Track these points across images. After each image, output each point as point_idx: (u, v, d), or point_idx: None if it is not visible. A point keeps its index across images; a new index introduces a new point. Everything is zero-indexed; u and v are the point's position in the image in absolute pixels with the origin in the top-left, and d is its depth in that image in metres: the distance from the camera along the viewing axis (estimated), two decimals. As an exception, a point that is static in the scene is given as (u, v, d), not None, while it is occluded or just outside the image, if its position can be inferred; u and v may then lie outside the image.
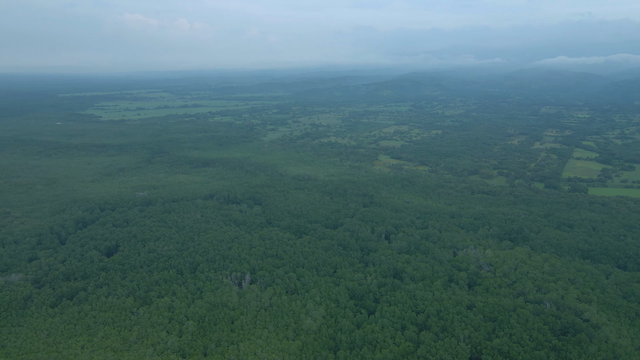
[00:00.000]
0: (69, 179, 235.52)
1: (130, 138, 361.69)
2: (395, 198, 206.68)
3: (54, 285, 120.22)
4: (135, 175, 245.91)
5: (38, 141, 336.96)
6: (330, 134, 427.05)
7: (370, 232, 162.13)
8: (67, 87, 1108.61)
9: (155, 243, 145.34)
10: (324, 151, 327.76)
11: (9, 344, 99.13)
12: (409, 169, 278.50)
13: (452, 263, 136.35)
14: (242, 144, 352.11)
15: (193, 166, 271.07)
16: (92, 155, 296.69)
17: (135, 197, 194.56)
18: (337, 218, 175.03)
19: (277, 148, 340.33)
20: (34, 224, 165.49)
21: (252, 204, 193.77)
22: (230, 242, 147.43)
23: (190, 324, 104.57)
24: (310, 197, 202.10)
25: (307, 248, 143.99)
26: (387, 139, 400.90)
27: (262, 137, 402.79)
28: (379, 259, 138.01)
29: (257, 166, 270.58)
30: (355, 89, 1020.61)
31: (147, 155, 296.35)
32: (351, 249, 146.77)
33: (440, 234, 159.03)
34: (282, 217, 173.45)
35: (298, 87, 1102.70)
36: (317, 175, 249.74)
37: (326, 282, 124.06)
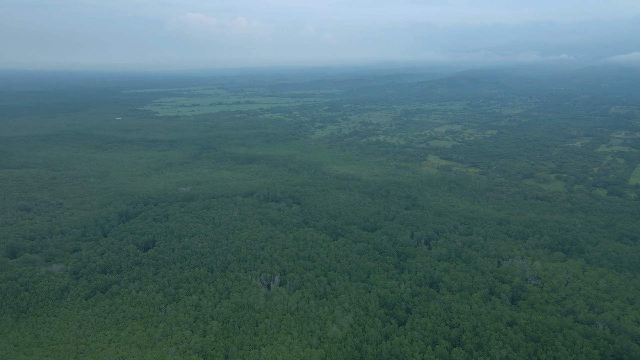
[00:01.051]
0: (120, 172, 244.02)
1: (181, 134, 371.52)
2: (440, 201, 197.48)
3: (90, 277, 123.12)
4: (182, 170, 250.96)
5: (97, 135, 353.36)
6: (380, 132, 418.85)
7: (410, 236, 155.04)
8: (131, 84, 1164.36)
9: (190, 239, 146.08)
10: (371, 150, 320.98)
11: (42, 333, 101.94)
12: (458, 171, 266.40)
13: (495, 274, 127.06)
14: (289, 142, 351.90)
15: (238, 163, 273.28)
16: (144, 150, 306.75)
17: (178, 193, 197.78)
18: (376, 220, 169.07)
19: (323, 146, 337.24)
20: (81, 216, 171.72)
21: (291, 203, 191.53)
22: (264, 242, 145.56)
23: (215, 324, 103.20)
24: (351, 197, 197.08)
25: (340, 251, 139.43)
26: (438, 138, 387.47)
27: (310, 134, 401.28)
28: (416, 266, 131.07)
29: (301, 164, 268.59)
30: (409, 86, 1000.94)
31: (195, 151, 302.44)
32: (387, 254, 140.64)
33: (485, 242, 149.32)
34: (319, 218, 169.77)
35: (351, 85, 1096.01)
36: (360, 174, 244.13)
37: (357, 288, 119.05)
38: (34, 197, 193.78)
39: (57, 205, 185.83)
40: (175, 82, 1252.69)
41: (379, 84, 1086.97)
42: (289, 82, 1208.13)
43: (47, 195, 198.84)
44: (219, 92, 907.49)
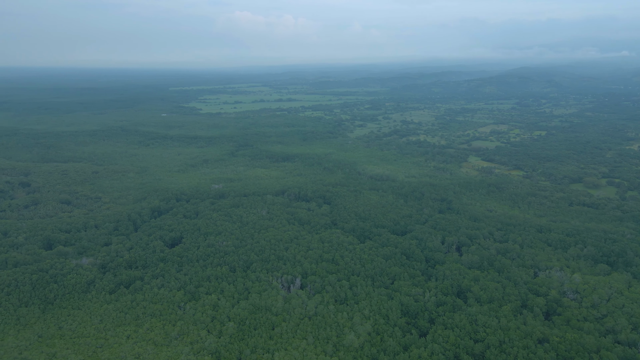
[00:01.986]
0: (158, 168, 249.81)
1: (221, 130, 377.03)
2: (476, 205, 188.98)
3: (116, 272, 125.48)
4: (217, 167, 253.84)
5: (141, 131, 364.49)
6: (421, 131, 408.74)
7: (440, 242, 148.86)
8: (179, 81, 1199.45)
9: (216, 237, 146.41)
10: (409, 150, 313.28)
11: (66, 325, 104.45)
12: (499, 173, 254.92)
13: (530, 285, 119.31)
14: (327, 140, 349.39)
15: (273, 160, 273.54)
16: (184, 146, 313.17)
17: (210, 190, 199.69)
18: (406, 224, 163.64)
19: (361, 145, 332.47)
20: (116, 210, 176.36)
21: (321, 203, 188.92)
22: (289, 242, 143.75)
23: (231, 325, 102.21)
24: (383, 199, 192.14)
25: (366, 255, 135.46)
26: (481, 139, 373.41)
27: (349, 133, 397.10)
28: (444, 274, 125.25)
29: (336, 163, 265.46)
30: (455, 85, 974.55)
31: (232, 148, 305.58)
32: (415, 260, 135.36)
33: (521, 250, 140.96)
34: (348, 219, 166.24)
35: (395, 83, 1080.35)
36: (396, 175, 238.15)
37: (379, 295, 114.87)
38: (75, 191, 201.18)
39: (95, 199, 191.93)
40: (221, 80, 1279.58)
41: (424, 82, 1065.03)
42: (333, 80, 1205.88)
43: (88, 189, 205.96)
44: (262, 90, 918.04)
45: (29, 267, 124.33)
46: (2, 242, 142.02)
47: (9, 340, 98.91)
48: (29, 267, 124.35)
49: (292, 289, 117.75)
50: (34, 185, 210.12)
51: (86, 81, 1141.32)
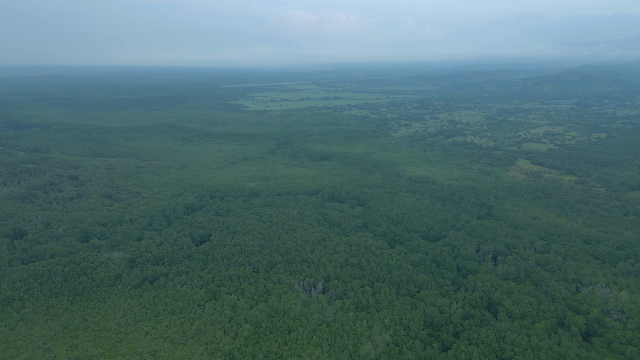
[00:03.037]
0: (198, 164, 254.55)
1: (264, 128, 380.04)
2: (519, 211, 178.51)
3: (143, 267, 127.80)
4: (256, 165, 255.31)
5: (187, 128, 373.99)
6: (468, 132, 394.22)
7: (475, 249, 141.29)
8: (229, 78, 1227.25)
9: (244, 236, 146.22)
10: (454, 151, 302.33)
11: (90, 318, 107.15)
12: (549, 178, 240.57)
13: (569, 302, 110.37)
14: (369, 139, 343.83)
15: (312, 159, 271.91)
16: (226, 144, 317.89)
17: (244, 187, 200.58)
18: (441, 229, 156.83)
19: (403, 145, 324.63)
20: (153, 205, 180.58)
21: (354, 204, 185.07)
22: (315, 244, 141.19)
23: (247, 327, 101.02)
24: (419, 202, 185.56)
25: (393, 260, 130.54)
26: (533, 141, 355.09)
27: (393, 132, 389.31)
28: (474, 284, 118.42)
29: (376, 163, 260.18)
30: (510, 83, 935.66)
31: (273, 146, 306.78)
32: (445, 268, 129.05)
33: (564, 263, 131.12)
34: (380, 222, 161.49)
35: (446, 81, 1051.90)
36: (436, 177, 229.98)
37: (402, 303, 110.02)
38: (117, 185, 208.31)
39: (135, 194, 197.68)
40: (270, 77, 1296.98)
41: (476, 80, 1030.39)
42: (382, 78, 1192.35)
43: (130, 183, 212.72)
44: (310, 88, 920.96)
45: (63, 258, 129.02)
46: (43, 233, 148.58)
47: (36, 330, 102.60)
48: (63, 258, 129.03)
49: (313, 293, 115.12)
50: (82, 179, 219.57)
51: (142, 79, 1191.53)
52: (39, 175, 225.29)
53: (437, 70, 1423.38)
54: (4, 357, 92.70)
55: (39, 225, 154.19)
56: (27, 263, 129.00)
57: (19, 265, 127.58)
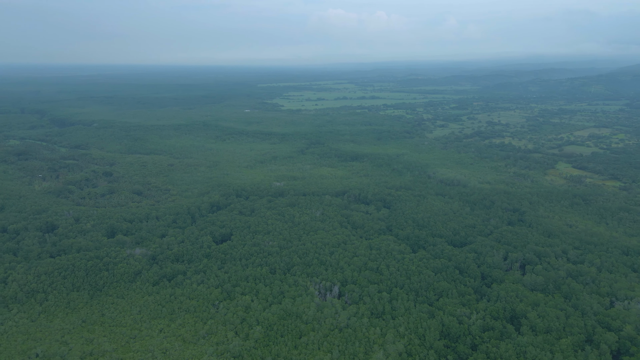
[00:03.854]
0: (228, 163, 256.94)
1: (296, 127, 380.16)
2: (554, 218, 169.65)
3: (163, 264, 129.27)
4: (284, 164, 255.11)
5: (221, 126, 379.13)
6: (507, 134, 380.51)
7: (502, 257, 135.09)
8: (268, 78, 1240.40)
9: (264, 237, 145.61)
10: (489, 153, 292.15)
11: (108, 313, 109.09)
12: (590, 183, 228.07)
13: (600, 317, 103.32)
14: (402, 140, 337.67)
15: (341, 160, 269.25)
16: (258, 142, 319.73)
17: (270, 187, 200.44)
18: (467, 234, 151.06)
19: (437, 146, 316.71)
20: (180, 203, 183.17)
21: (380, 207, 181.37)
22: (335, 247, 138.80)
23: (258, 329, 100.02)
24: (447, 205, 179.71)
25: (414, 266, 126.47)
26: (576, 143, 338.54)
27: (428, 133, 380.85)
28: (498, 294, 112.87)
29: (406, 165, 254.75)
30: (556, 83, 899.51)
31: (303, 146, 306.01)
32: (469, 276, 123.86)
33: (598, 274, 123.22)
34: (404, 226, 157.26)
35: (488, 81, 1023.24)
36: (468, 180, 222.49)
37: (419, 311, 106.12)
38: (148, 182, 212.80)
39: (164, 191, 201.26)
40: (308, 76, 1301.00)
41: (520, 80, 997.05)
42: (421, 78, 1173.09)
43: (160, 180, 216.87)
44: (347, 87, 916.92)
45: (87, 253, 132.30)
46: (73, 227, 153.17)
47: (56, 323, 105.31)
48: (88, 253, 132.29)
49: (328, 297, 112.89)
50: (115, 175, 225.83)
51: (183, 78, 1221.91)
52: (77, 171, 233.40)
53: (479, 70, 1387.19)
54: (22, 349, 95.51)
55: (70, 219, 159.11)
56: (55, 256, 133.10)
57: (46, 258, 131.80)
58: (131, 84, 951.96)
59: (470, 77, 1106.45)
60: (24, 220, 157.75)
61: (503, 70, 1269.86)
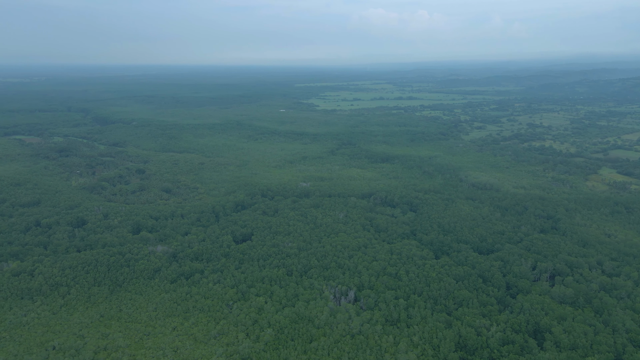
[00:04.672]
0: (258, 162, 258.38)
1: (329, 128, 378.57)
2: (592, 227, 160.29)
3: (182, 262, 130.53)
4: (313, 165, 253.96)
5: (254, 126, 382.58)
6: (548, 137, 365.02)
7: (531, 267, 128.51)
8: (306, 77, 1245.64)
9: (284, 238, 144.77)
10: (527, 157, 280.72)
11: (125, 309, 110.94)
12: (636, 190, 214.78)
13: (632, 335, 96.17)
14: (436, 142, 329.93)
15: (371, 161, 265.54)
16: (289, 142, 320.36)
17: (296, 187, 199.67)
18: (495, 241, 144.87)
19: (472, 149, 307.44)
20: (206, 201, 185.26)
21: (406, 210, 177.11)
22: (355, 250, 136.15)
23: (269, 332, 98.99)
24: (476, 211, 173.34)
25: (434, 273, 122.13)
26: (623, 148, 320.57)
27: (464, 135, 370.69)
28: (522, 305, 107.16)
29: (438, 167, 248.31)
30: (606, 84, 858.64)
31: (334, 146, 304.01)
32: (492, 285, 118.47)
33: (635, 289, 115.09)
34: (429, 231, 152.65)
35: (532, 81, 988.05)
36: (502, 185, 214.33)
37: (436, 321, 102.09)
38: (178, 180, 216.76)
39: (192, 189, 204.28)
40: (347, 76, 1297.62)
41: (567, 80, 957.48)
42: (462, 78, 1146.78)
43: (190, 179, 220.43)
44: (385, 87, 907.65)
45: (111, 249, 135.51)
46: (101, 223, 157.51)
47: (76, 316, 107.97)
48: (112, 249, 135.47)
49: (343, 302, 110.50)
50: (148, 173, 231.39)
51: (223, 77, 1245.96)
52: (112, 168, 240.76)
53: (524, 70, 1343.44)
54: (41, 341, 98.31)
55: (99, 215, 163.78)
56: (81, 251, 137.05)
57: (73, 252, 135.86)
58: (173, 83, 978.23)
59: (514, 78, 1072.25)
60: (57, 215, 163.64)
61: (549, 70, 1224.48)
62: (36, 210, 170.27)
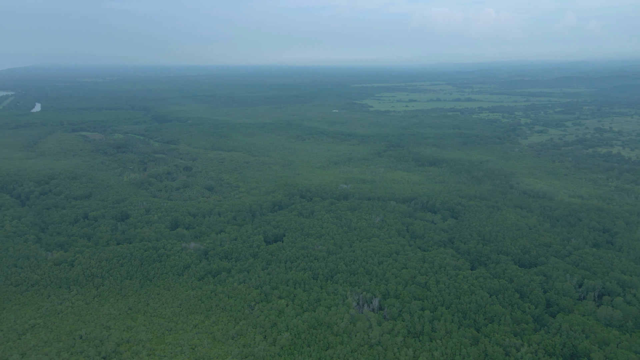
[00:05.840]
0: (302, 163, 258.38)
1: (379, 129, 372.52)
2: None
3: (212, 260, 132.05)
4: (358, 166, 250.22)
5: (304, 126, 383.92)
6: (617, 142, 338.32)
7: (576, 284, 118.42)
8: (363, 78, 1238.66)
9: (315, 240, 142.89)
10: (590, 164, 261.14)
11: (152, 303, 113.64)
12: None
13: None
14: (490, 145, 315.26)
15: (418, 164, 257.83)
16: (337, 143, 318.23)
17: (336, 189, 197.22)
18: (539, 254, 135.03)
19: (528, 154, 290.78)
20: (244, 200, 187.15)
21: (447, 216, 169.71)
22: (385, 257, 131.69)
23: (286, 336, 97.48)
24: (523, 220, 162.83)
25: (467, 285, 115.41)
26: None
27: (522, 139, 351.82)
28: (560, 326, 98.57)
29: (488, 172, 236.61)
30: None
31: (381, 148, 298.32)
32: (530, 301, 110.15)
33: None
34: (468, 239, 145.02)
35: (606, 83, 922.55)
36: (556, 193, 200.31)
37: (462, 336, 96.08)
38: (221, 178, 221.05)
39: (234, 188, 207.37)
40: (404, 77, 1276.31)
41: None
42: (528, 79, 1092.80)
43: (233, 177, 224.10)
44: (444, 88, 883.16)
45: (147, 243, 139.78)
46: (142, 218, 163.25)
47: (106, 307, 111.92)
48: (147, 243, 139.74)
49: (365, 310, 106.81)
50: (194, 170, 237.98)
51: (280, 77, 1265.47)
52: (162, 165, 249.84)
53: (597, 71, 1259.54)
54: (71, 329, 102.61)
55: (141, 210, 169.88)
56: (120, 244, 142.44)
57: (113, 245, 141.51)
58: (231, 83, 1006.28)
59: (585, 79, 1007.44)
60: (103, 209, 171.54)
61: (625, 71, 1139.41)
62: (86, 203, 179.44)
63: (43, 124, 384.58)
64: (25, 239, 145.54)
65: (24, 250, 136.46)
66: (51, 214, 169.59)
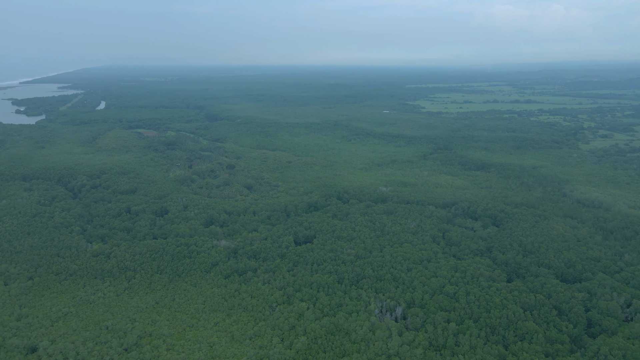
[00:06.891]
0: (345, 163, 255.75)
1: (428, 131, 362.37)
2: None
3: (240, 258, 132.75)
4: (401, 169, 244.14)
5: (351, 126, 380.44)
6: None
7: (624, 303, 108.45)
8: (418, 78, 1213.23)
9: (345, 243, 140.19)
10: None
11: (177, 298, 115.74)
12: None
13: None
14: (545, 150, 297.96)
15: (465, 168, 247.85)
16: (383, 144, 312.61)
17: (374, 192, 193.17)
18: (585, 269, 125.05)
19: (588, 160, 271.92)
20: (280, 200, 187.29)
21: (488, 224, 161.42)
22: (415, 264, 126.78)
23: (303, 340, 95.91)
24: (572, 231, 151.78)
25: (499, 298, 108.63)
26: None
27: (583, 144, 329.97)
28: (599, 349, 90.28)
29: (540, 179, 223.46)
30: None
31: (428, 150, 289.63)
32: (569, 320, 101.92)
33: None
34: (507, 249, 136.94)
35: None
36: (614, 203, 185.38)
37: (487, 353, 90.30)
38: (261, 177, 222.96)
39: (273, 187, 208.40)
40: (463, 78, 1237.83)
41: None
42: (597, 80, 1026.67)
43: (274, 176, 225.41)
44: (503, 89, 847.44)
45: (180, 239, 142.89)
46: (179, 214, 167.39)
47: (135, 300, 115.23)
48: (180, 239, 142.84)
49: (387, 318, 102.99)
50: (237, 168, 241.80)
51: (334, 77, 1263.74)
52: (207, 162, 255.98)
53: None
54: (99, 320, 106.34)
55: (180, 206, 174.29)
56: (156, 239, 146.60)
57: (149, 239, 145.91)
58: (284, 83, 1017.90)
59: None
60: (145, 204, 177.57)
61: None
62: (131, 197, 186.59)
63: (104, 121, 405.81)
64: (71, 230, 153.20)
65: (68, 241, 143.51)
66: (98, 207, 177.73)
